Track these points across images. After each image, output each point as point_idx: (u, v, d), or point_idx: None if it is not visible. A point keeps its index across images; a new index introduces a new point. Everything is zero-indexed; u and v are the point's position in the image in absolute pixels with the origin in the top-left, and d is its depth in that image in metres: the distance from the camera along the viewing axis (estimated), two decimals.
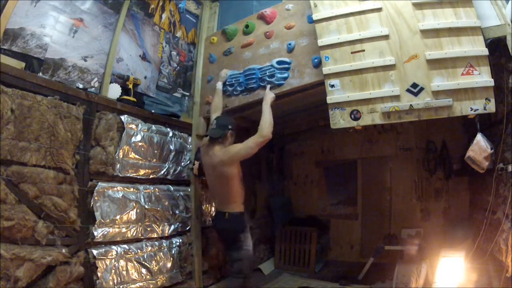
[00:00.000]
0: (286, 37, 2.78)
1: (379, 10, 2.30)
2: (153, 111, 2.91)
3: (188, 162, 3.15)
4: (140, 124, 2.69)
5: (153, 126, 2.83)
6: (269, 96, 2.56)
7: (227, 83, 3.02)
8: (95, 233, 2.27)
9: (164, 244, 2.78)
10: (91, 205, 2.27)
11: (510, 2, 2.03)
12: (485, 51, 2.03)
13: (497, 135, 2.20)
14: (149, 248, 2.64)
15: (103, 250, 2.31)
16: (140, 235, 2.58)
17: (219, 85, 2.89)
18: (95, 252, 2.25)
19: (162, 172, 2.87)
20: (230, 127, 2.47)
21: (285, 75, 2.71)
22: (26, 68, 2.08)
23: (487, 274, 2.36)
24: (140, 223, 2.59)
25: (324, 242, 4.36)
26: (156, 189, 2.78)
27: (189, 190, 3.13)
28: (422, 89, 2.14)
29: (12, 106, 1.89)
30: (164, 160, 2.90)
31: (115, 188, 2.45)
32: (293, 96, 2.78)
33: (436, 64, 2.12)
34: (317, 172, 4.83)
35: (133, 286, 2.43)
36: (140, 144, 2.66)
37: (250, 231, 4.14)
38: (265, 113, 2.41)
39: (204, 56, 3.38)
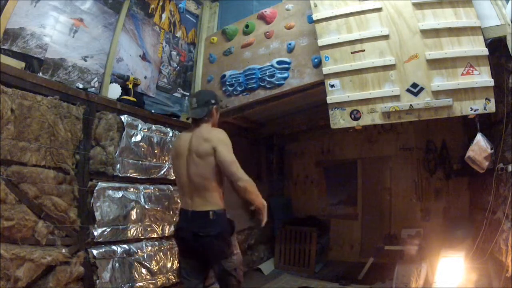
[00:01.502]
0: (286, 37, 2.79)
1: (379, 10, 2.30)
2: (153, 111, 2.90)
3: None
4: (140, 124, 2.69)
5: (153, 126, 2.82)
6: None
7: (227, 83, 3.02)
8: (95, 233, 2.26)
9: (164, 244, 2.78)
10: (91, 205, 2.26)
11: (510, 2, 2.04)
12: (485, 51, 2.03)
13: (497, 135, 2.21)
14: (149, 248, 2.63)
15: (103, 250, 2.31)
16: (140, 235, 2.58)
17: None
18: (95, 252, 2.25)
19: (162, 172, 2.86)
20: (213, 101, 2.03)
21: (285, 75, 2.71)
22: (26, 68, 2.07)
23: (487, 274, 2.36)
24: (140, 223, 2.58)
25: (324, 242, 4.36)
26: (156, 189, 2.77)
27: None
28: (422, 89, 2.15)
29: (12, 106, 1.88)
30: (164, 160, 2.90)
31: (115, 188, 2.45)
32: (293, 96, 2.79)
33: (436, 64, 2.13)
34: (317, 172, 4.83)
35: (133, 286, 2.43)
36: (140, 144, 2.66)
37: (250, 231, 4.11)
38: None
39: (204, 56, 3.39)
